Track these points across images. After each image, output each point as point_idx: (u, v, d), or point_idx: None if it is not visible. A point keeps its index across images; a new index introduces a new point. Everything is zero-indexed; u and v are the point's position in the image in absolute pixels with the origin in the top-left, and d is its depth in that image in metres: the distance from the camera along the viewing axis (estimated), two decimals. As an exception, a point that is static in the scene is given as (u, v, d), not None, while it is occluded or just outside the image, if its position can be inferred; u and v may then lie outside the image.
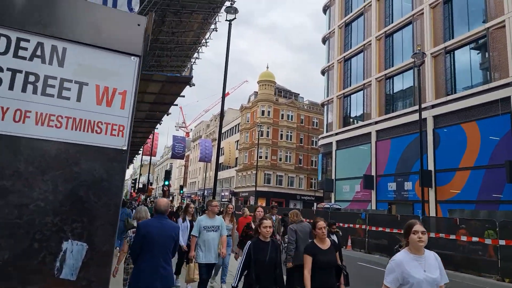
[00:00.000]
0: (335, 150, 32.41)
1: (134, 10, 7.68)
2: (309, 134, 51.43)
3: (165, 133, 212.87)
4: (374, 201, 27.56)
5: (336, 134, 32.54)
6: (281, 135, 49.17)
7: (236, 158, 53.13)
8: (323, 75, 36.93)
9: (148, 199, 28.90)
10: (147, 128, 9.82)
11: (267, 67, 51.48)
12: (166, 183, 22.37)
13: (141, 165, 41.13)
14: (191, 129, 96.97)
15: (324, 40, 37.00)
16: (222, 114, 14.01)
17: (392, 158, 26.13)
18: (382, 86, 28.00)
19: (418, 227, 2.92)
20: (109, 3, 7.31)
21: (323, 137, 35.07)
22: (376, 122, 27.96)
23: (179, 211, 10.24)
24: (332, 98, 33.70)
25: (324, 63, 36.54)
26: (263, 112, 48.67)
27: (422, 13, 24.85)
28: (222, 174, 60.81)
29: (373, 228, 17.56)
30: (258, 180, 45.69)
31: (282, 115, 49.54)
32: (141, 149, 16.13)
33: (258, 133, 40.91)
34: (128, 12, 5.94)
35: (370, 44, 29.42)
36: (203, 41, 17.68)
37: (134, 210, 19.07)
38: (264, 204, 44.03)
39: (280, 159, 48.67)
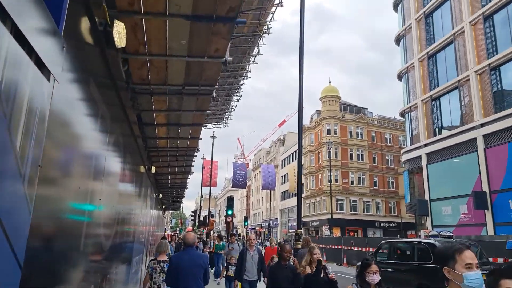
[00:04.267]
0: (426, 165, 26.64)
1: None
2: (383, 152, 45.48)
3: (224, 167, 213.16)
4: (491, 225, 21.30)
5: (425, 145, 26.88)
6: (351, 155, 43.84)
7: (302, 184, 48.42)
8: (400, 80, 31.80)
9: (210, 233, 25.30)
10: (193, 128, 6.23)
11: (330, 82, 47.09)
12: (230, 212, 18.61)
13: (201, 197, 38.15)
14: (250, 160, 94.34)
15: (397, 40, 32.16)
16: (300, 105, 9.98)
17: (514, 168, 20.06)
18: (485, 80, 22.33)
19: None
20: None
21: (407, 151, 29.45)
22: (482, 125, 22.12)
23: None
24: (416, 103, 28.33)
25: (400, 65, 31.51)
26: (328, 131, 44.02)
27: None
28: (287, 203, 56.24)
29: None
30: (329, 206, 40.44)
31: (351, 132, 44.41)
32: (189, 177, 12.64)
33: (329, 153, 36.26)
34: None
35: (463, 31, 24.11)
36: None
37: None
38: (339, 234, 38.51)
39: (353, 182, 43.08)
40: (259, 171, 62.96)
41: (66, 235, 2.33)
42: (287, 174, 53.52)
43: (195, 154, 9.48)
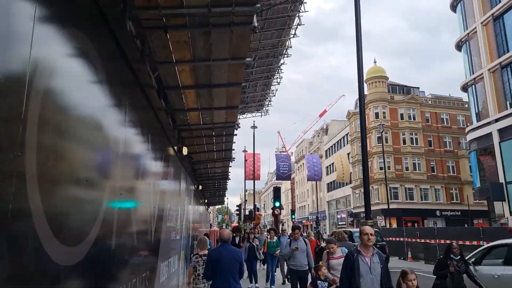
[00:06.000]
0: (499, 143, 23.23)
1: None
2: (439, 134, 41.56)
3: (265, 162, 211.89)
4: None
5: (496, 121, 23.45)
6: (404, 139, 40.43)
7: (350, 173, 45.60)
8: (459, 50, 28.30)
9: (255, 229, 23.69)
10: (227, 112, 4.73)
11: (375, 62, 43.72)
12: (277, 204, 16.81)
13: (245, 190, 36.83)
14: (292, 153, 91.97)
15: (453, 6, 28.61)
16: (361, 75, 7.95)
17: None
18: None
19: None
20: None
21: (473, 129, 26.06)
22: None
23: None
24: (481, 74, 24.86)
25: (459, 33, 28.00)
26: (377, 114, 40.87)
27: None
28: (335, 194, 53.72)
29: None
30: (382, 195, 37.53)
31: (402, 115, 40.96)
32: (230, 164, 11.14)
33: (379, 138, 33.38)
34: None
35: (538, -17, 20.51)
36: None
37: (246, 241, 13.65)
38: (395, 225, 35.63)
39: (407, 169, 39.72)
40: (303, 163, 60.76)
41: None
42: (333, 163, 50.92)
43: (235, 132, 7.77)
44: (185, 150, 6.73)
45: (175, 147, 6.45)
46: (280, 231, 12.54)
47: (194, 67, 4.61)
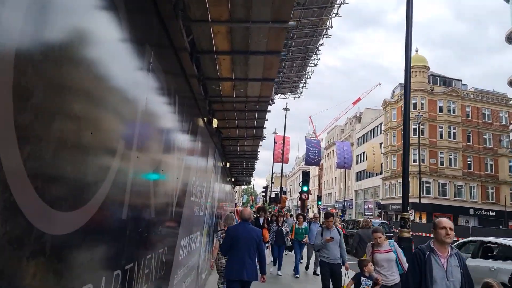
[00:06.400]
0: (549, 143, 21.53)
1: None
2: (479, 130, 39.30)
3: (294, 146, 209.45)
4: None
5: (549, 118, 21.67)
6: (441, 133, 38.55)
7: (381, 164, 44.22)
8: (509, 42, 26.26)
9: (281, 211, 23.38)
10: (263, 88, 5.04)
11: (417, 50, 41.47)
12: (305, 188, 16.32)
13: (272, 173, 36.53)
14: (322, 139, 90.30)
15: (511, -8, 26.38)
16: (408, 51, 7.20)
17: None
18: None
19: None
20: None
21: (520, 126, 24.29)
22: None
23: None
24: (537, 67, 22.89)
25: (511, 25, 25.88)
26: (414, 105, 38.98)
27: None
28: (363, 183, 52.61)
29: None
30: (414, 189, 36.17)
31: (441, 107, 38.96)
32: (260, 143, 10.75)
33: (414, 130, 31.96)
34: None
35: None
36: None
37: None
38: (424, 220, 34.42)
39: (442, 163, 37.98)
40: (333, 149, 59.62)
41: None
42: (364, 152, 49.63)
43: (268, 109, 7.31)
44: (215, 123, 6.36)
45: (205, 118, 6.09)
46: (313, 218, 12.10)
47: (231, 29, 4.16)
